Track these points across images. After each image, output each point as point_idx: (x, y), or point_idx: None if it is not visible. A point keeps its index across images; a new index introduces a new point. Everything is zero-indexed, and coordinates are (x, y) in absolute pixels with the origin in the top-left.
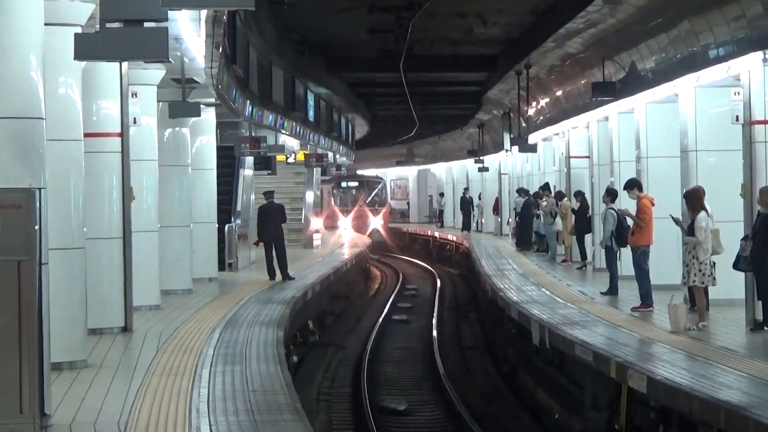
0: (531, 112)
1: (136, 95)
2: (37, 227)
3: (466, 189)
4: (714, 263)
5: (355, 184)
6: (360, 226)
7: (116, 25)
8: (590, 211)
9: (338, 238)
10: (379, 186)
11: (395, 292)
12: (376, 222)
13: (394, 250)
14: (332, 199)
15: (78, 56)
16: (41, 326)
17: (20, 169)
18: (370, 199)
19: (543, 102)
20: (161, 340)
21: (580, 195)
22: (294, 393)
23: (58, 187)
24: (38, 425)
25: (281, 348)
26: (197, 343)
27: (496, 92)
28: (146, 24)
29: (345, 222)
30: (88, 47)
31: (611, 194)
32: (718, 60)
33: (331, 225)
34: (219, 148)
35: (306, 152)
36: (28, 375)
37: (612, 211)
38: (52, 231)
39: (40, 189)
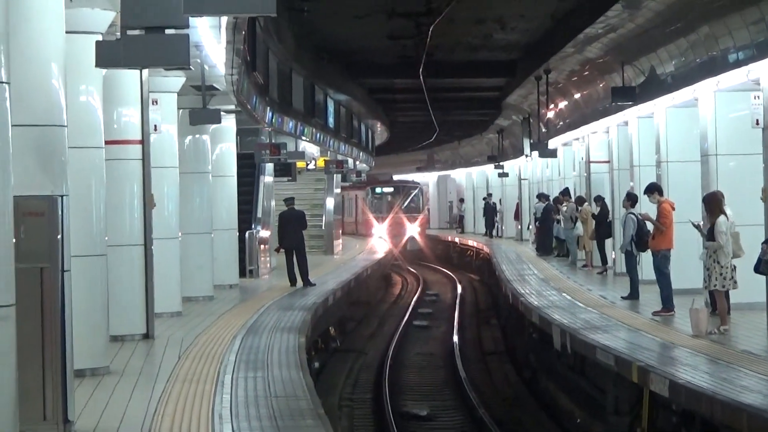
0: (551, 117)
1: (156, 102)
2: (59, 234)
3: (490, 195)
4: (735, 267)
5: (391, 189)
6: (396, 233)
7: (137, 32)
8: (610, 215)
9: (370, 246)
10: (416, 191)
11: (416, 298)
12: (413, 229)
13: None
14: (366, 205)
15: (99, 63)
16: (64, 333)
17: (42, 176)
18: (406, 205)
19: (562, 107)
20: (183, 346)
21: (600, 200)
22: (316, 398)
23: (80, 195)
24: (61, 431)
25: (303, 354)
26: (219, 350)
27: (516, 97)
28: (167, 31)
29: (380, 229)
30: (109, 54)
31: (631, 199)
32: (738, 64)
33: (364, 232)
34: (239, 155)
35: (326, 159)
36: (51, 381)
37: (632, 216)
38: (74, 238)
39: (62, 196)
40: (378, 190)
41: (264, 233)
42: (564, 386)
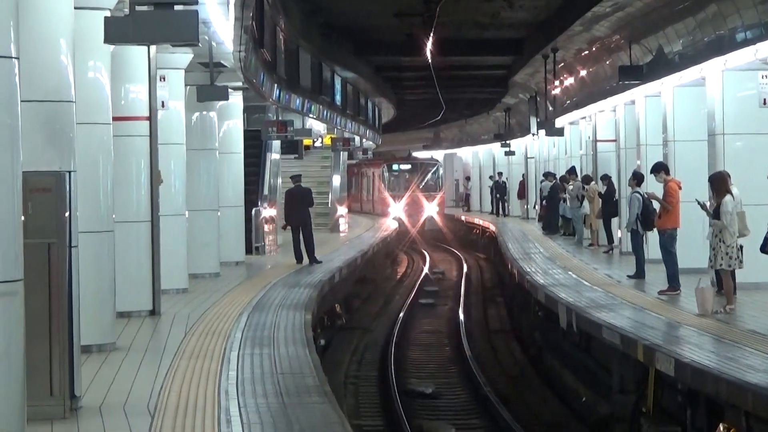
0: (558, 95)
1: (164, 79)
2: (67, 210)
3: (500, 173)
4: (741, 246)
5: (408, 166)
6: (413, 213)
7: (146, 8)
8: (617, 194)
9: (383, 226)
10: (434, 169)
11: (422, 276)
12: (431, 209)
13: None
14: (382, 183)
15: (108, 39)
16: (71, 308)
17: (50, 152)
18: (424, 183)
19: (570, 86)
20: (189, 323)
21: (606, 179)
22: (322, 375)
23: (87, 171)
24: (68, 407)
25: (309, 331)
26: (225, 326)
27: (523, 76)
28: (176, 7)
29: (396, 208)
30: (117, 30)
31: (637, 178)
32: (746, 43)
33: (380, 211)
34: (246, 132)
35: (333, 136)
36: (58, 357)
37: (638, 195)
38: (81, 214)
39: (70, 172)
40: (395, 167)
41: (269, 212)
42: (569, 365)
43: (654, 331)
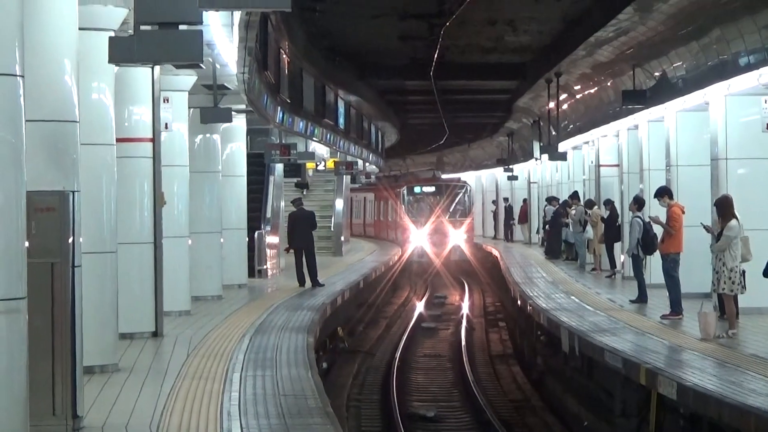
0: (561, 120)
1: (167, 101)
2: (70, 230)
3: (506, 198)
4: (744, 271)
5: (432, 189)
6: (437, 241)
7: (150, 28)
8: (619, 219)
9: (402, 256)
10: (463, 192)
11: (424, 300)
12: (458, 237)
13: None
14: (401, 207)
15: (112, 59)
16: (74, 328)
17: (54, 172)
18: (450, 207)
19: (573, 110)
20: (192, 344)
21: (609, 203)
22: (324, 397)
23: (91, 192)
24: (70, 427)
25: (311, 353)
26: (228, 348)
27: (526, 100)
28: (181, 27)
29: (418, 236)
30: (122, 50)
31: (638, 202)
32: (749, 68)
33: (398, 239)
34: (249, 155)
35: (336, 160)
36: (61, 377)
37: (638, 220)
38: (85, 235)
39: (73, 192)
40: (417, 189)
41: (271, 238)
42: (572, 389)
43: (656, 355)
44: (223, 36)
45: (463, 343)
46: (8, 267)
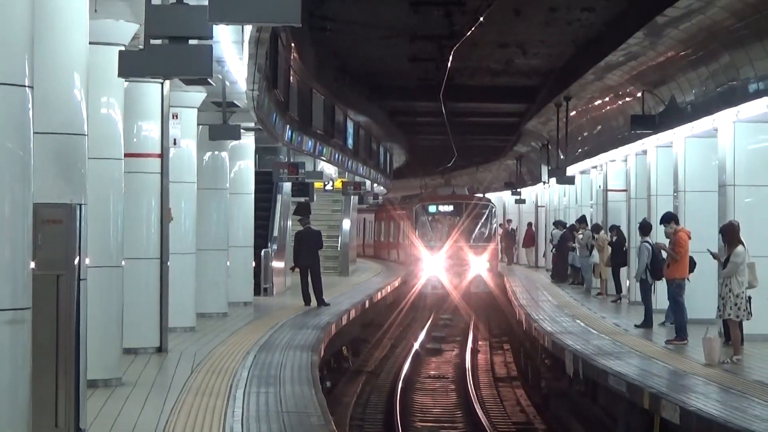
0: (569, 144)
1: (177, 117)
2: (77, 242)
3: (509, 221)
4: (750, 297)
5: (450, 207)
6: (455, 270)
7: (161, 42)
8: (626, 244)
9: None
10: (487, 211)
11: (429, 321)
12: (480, 265)
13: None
14: (415, 229)
15: (122, 73)
16: (78, 342)
17: (62, 184)
18: (471, 230)
19: (581, 134)
20: (196, 360)
21: (614, 229)
22: (327, 414)
23: (98, 206)
24: None
25: (315, 371)
26: (232, 365)
27: (535, 124)
28: (191, 41)
29: (433, 263)
30: (132, 64)
31: (643, 228)
32: (758, 94)
33: (409, 266)
34: (257, 173)
35: (344, 180)
36: (64, 390)
37: (647, 245)
38: (91, 249)
39: (80, 205)
40: (432, 208)
41: (277, 264)
42: (576, 412)
43: (660, 379)
44: (233, 53)
45: (468, 365)
46: (14, 277)
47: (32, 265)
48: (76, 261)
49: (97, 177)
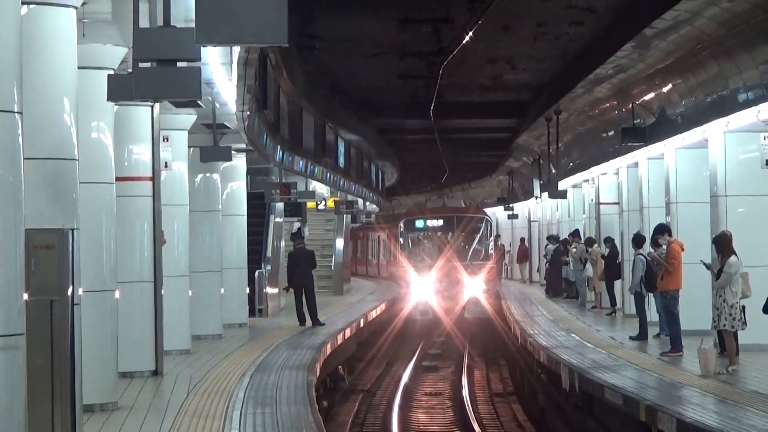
0: (560, 158)
1: (167, 140)
2: (69, 268)
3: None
4: (744, 307)
5: (439, 222)
6: (449, 292)
7: (149, 65)
8: (620, 257)
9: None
10: (483, 226)
11: (425, 339)
12: (475, 286)
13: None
14: (400, 247)
15: (111, 97)
16: (73, 366)
17: (54, 209)
18: (465, 247)
19: (573, 148)
20: (192, 383)
21: (609, 241)
22: None
23: (90, 230)
24: None
25: (311, 390)
26: (228, 386)
27: (526, 138)
28: (179, 64)
29: (421, 286)
30: (121, 88)
31: (636, 241)
32: (748, 104)
33: (399, 288)
34: (249, 194)
35: (336, 199)
36: (60, 415)
37: (641, 257)
38: (84, 273)
39: (73, 230)
40: (419, 223)
41: (271, 290)
42: (572, 426)
43: (656, 391)
44: (222, 75)
45: (464, 381)
46: (7, 303)
47: (25, 295)
48: (70, 286)
49: (88, 201)
